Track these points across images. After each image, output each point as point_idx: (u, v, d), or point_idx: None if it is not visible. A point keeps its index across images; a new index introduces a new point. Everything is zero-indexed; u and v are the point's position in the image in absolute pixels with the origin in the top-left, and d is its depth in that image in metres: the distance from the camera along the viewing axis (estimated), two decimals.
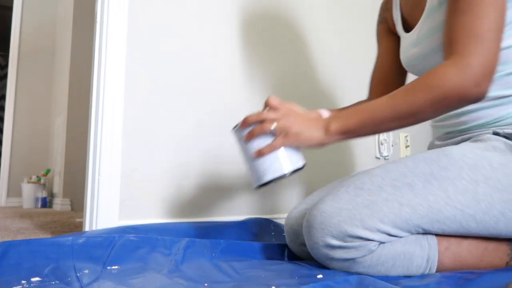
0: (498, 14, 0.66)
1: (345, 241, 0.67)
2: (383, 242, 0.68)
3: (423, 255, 0.68)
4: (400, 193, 0.67)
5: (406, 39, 0.90)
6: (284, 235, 1.04)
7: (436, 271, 0.69)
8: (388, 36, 1.01)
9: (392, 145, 1.68)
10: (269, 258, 0.83)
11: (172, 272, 0.64)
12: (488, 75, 0.65)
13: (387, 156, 1.65)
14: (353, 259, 0.68)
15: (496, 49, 0.65)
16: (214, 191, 1.21)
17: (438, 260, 0.69)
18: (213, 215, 1.20)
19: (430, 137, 1.93)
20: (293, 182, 1.39)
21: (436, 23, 0.78)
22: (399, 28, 0.94)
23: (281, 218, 1.28)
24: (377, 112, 0.70)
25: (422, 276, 0.67)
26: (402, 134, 1.74)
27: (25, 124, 3.53)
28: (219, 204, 1.23)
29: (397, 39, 0.99)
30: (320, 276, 0.63)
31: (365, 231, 0.66)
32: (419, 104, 0.67)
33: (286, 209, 1.36)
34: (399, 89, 0.70)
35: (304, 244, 0.80)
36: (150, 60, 1.15)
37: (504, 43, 0.73)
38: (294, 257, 0.85)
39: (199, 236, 1.00)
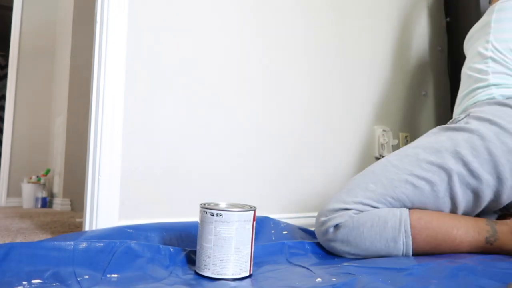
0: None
1: (330, 214, 0.90)
2: (362, 211, 0.88)
3: (395, 219, 0.85)
4: (367, 177, 0.93)
5: None
6: (284, 233, 1.06)
7: (412, 238, 0.83)
8: None
9: (392, 145, 1.68)
10: (269, 259, 0.83)
11: (172, 284, 0.63)
12: None
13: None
14: (338, 225, 0.88)
15: None
16: (214, 191, 1.22)
17: (411, 225, 0.83)
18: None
19: None
20: (293, 182, 1.40)
21: None
22: None
23: (281, 218, 1.28)
24: None
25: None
26: (402, 134, 1.74)
27: (25, 124, 3.53)
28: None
29: None
30: (318, 280, 0.64)
31: (344, 204, 0.90)
32: None
33: (286, 208, 1.36)
34: None
35: (330, 240, 0.92)
36: (150, 60, 1.15)
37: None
38: (292, 257, 0.85)
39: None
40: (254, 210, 0.70)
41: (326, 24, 1.54)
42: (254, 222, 0.70)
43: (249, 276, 0.67)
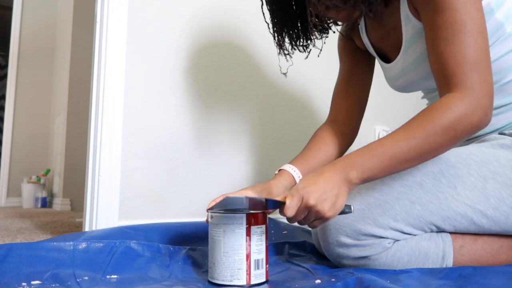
0: (483, 39, 0.65)
1: (359, 240, 0.70)
2: (398, 240, 0.71)
3: (438, 251, 0.70)
4: (411, 192, 0.69)
5: (389, 70, 0.88)
6: (284, 233, 1.04)
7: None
8: (354, 52, 0.96)
9: None
10: (269, 259, 0.83)
11: (172, 286, 0.63)
12: (492, 102, 0.65)
13: None
14: (368, 257, 0.70)
15: (491, 74, 0.66)
16: (214, 191, 1.21)
17: (454, 257, 0.71)
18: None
19: None
20: None
21: (419, 53, 0.77)
22: (375, 55, 0.92)
23: (282, 217, 1.28)
24: (397, 154, 0.64)
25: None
26: None
27: (25, 124, 3.53)
28: None
29: (364, 56, 0.96)
30: (318, 281, 0.63)
31: (378, 229, 0.69)
32: (439, 142, 0.64)
33: None
34: (409, 126, 0.65)
35: (349, 265, 0.77)
36: (149, 60, 1.15)
37: (494, 54, 0.74)
38: (292, 257, 0.85)
39: (199, 235, 1.00)
40: (246, 214, 0.63)
41: None
42: (255, 227, 0.63)
43: (244, 286, 0.62)
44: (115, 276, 0.67)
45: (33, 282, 0.61)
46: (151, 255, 0.74)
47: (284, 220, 1.23)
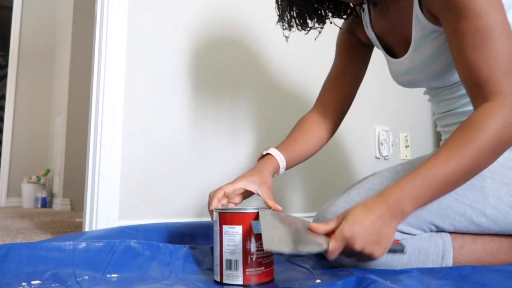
0: (511, 43, 0.63)
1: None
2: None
3: (437, 251, 0.70)
4: None
5: (395, 65, 0.88)
6: None
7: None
8: (353, 47, 0.96)
9: (392, 145, 1.68)
10: None
11: (172, 285, 0.63)
12: None
13: (387, 156, 1.65)
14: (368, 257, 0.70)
15: None
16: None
17: (453, 257, 0.71)
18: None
19: (429, 137, 1.93)
20: (293, 181, 1.39)
21: (427, 55, 0.77)
22: (380, 49, 0.92)
23: None
24: (447, 176, 0.62)
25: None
26: (402, 134, 1.74)
27: (25, 124, 3.53)
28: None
29: (363, 51, 0.96)
30: (318, 281, 0.63)
31: None
32: (488, 156, 0.62)
33: (286, 208, 1.36)
34: (455, 145, 0.62)
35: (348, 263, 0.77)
36: (149, 60, 1.15)
37: None
38: (292, 257, 0.85)
39: (200, 236, 1.00)
40: (218, 213, 0.65)
41: None
42: (226, 227, 0.64)
43: (219, 283, 0.63)
44: (115, 275, 0.67)
45: (33, 282, 0.61)
46: (151, 254, 0.74)
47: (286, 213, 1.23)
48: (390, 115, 1.72)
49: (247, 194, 0.80)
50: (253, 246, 0.63)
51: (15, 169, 3.46)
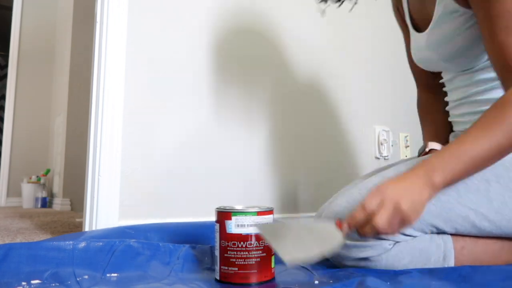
0: None
1: (359, 241, 0.69)
2: (398, 242, 0.70)
3: (439, 252, 0.70)
4: None
5: (415, 39, 0.90)
6: None
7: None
8: (403, 23, 1.00)
9: (392, 145, 1.68)
10: None
11: (171, 284, 0.63)
12: None
13: (387, 156, 1.65)
14: (368, 258, 0.70)
15: None
16: (214, 191, 1.21)
17: (455, 258, 0.70)
18: (214, 215, 1.20)
19: None
20: (294, 181, 1.39)
21: (445, 33, 0.78)
22: (409, 23, 0.94)
23: (285, 217, 1.28)
24: (479, 153, 0.62)
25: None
26: (402, 134, 1.74)
27: (25, 124, 3.53)
28: (219, 203, 1.23)
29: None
30: (316, 282, 0.63)
31: None
32: None
33: (287, 208, 1.36)
34: (486, 123, 0.63)
35: (349, 265, 0.77)
36: (150, 60, 1.15)
37: None
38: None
39: (200, 236, 1.00)
40: (216, 211, 0.68)
41: (325, 24, 1.54)
42: (218, 225, 0.66)
43: (219, 280, 0.64)
44: (115, 275, 0.67)
45: (33, 282, 0.61)
46: (151, 253, 0.74)
47: (283, 220, 1.23)
48: (390, 115, 1.72)
49: None
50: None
51: (15, 169, 3.46)
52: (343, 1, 0.92)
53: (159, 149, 1.14)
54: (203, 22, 1.25)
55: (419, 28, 0.90)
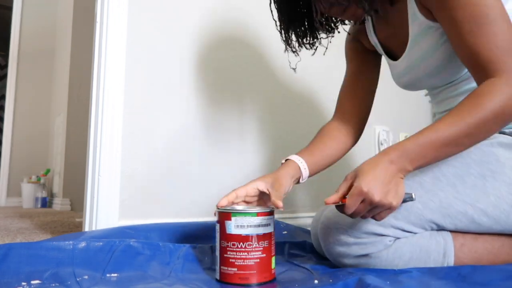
0: (508, 24, 0.65)
1: (360, 238, 0.71)
2: (398, 238, 0.71)
3: (439, 249, 0.71)
4: (411, 191, 0.69)
5: (395, 67, 0.89)
6: (284, 233, 1.04)
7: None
8: (362, 53, 0.97)
9: None
10: None
11: (171, 285, 0.63)
12: None
13: None
14: (369, 255, 0.71)
15: None
16: (214, 191, 1.21)
17: (455, 256, 0.71)
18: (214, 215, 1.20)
19: None
20: None
21: (423, 50, 0.78)
22: (383, 54, 0.93)
23: (284, 217, 1.28)
24: (450, 140, 0.64)
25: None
26: (402, 134, 1.74)
27: (25, 124, 3.53)
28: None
29: (372, 57, 0.96)
30: (317, 281, 0.63)
31: (379, 227, 0.70)
32: (490, 126, 0.64)
33: (287, 208, 1.36)
34: (460, 112, 0.65)
35: (350, 264, 0.77)
36: (150, 60, 1.15)
37: None
38: (292, 257, 0.85)
39: (200, 236, 1.00)
40: (217, 211, 0.68)
41: None
42: (218, 225, 0.66)
43: (219, 280, 0.65)
44: (115, 275, 0.67)
45: (33, 282, 0.61)
46: (151, 253, 0.74)
47: (284, 221, 1.23)
48: (390, 115, 1.72)
49: (262, 195, 0.78)
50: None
51: (15, 169, 3.45)
52: (316, 48, 0.91)
53: (159, 149, 1.14)
54: (203, 22, 1.25)
55: (393, 56, 0.89)
